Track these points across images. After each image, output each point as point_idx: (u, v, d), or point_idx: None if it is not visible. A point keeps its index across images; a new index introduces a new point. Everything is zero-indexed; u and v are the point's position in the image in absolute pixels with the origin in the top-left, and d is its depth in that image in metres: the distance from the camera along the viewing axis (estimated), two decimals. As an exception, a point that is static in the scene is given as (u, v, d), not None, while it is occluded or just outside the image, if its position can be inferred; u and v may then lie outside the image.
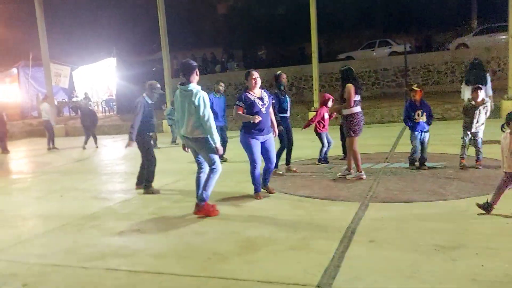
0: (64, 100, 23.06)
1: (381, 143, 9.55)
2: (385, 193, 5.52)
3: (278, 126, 6.72)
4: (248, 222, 4.74)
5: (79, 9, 25.25)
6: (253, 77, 5.54)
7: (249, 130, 5.48)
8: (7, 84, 24.28)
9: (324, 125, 7.77)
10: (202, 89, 4.97)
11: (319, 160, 7.80)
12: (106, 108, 22.21)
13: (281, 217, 4.83)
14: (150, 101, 6.47)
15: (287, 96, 7.10)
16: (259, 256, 3.79)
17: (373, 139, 9.94)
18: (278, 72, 7.23)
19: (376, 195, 5.47)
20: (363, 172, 6.40)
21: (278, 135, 6.72)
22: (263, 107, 5.53)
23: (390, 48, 21.40)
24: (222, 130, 8.10)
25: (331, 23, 21.07)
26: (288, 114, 7.09)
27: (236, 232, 4.43)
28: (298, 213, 4.98)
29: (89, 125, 13.26)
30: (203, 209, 5.01)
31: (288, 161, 7.27)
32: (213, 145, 4.91)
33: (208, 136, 4.88)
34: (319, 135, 7.80)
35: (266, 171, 5.83)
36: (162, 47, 16.96)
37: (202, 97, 4.83)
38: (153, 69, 21.51)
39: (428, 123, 6.69)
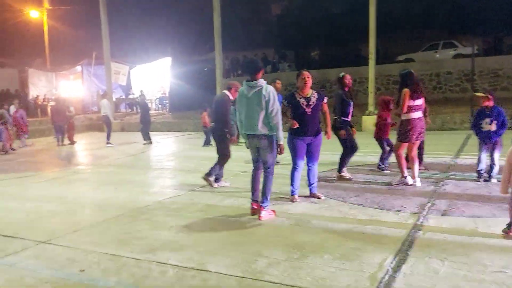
0: (121, 97, 24.03)
1: (443, 151, 9.06)
2: (447, 206, 5.19)
3: (340, 129, 6.58)
4: (296, 227, 4.66)
5: (139, 11, 26.23)
6: (304, 77, 5.49)
7: (294, 131, 5.44)
8: (71, 80, 25.72)
9: (385, 130, 7.36)
10: None
11: (379, 166, 7.44)
12: (159, 106, 22.90)
13: (331, 225, 4.69)
14: (231, 98, 6.57)
15: (351, 100, 6.78)
16: (308, 262, 3.69)
17: (434, 147, 9.39)
18: (342, 74, 6.82)
19: (437, 207, 5.16)
20: (407, 177, 6.16)
21: (341, 140, 6.57)
22: (307, 107, 5.45)
23: (455, 50, 20.11)
24: None
25: (390, 23, 20.13)
26: (348, 118, 6.76)
27: (283, 236, 4.36)
28: (350, 221, 4.80)
29: (146, 121, 13.73)
30: (266, 214, 4.94)
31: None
32: (278, 142, 4.89)
33: (274, 132, 4.85)
34: (379, 141, 7.43)
35: (309, 173, 5.70)
36: (215, 48, 17.26)
37: (272, 92, 4.83)
38: (205, 69, 21.91)
39: (498, 133, 6.19)
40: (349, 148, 6.77)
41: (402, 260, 3.62)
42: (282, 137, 4.93)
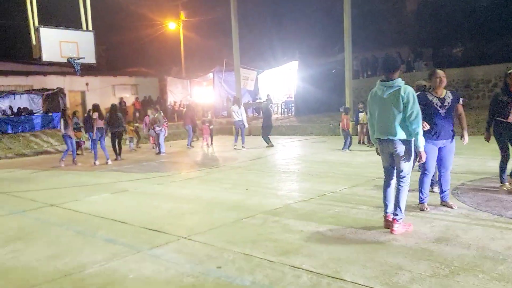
0: (249, 102, 25.02)
1: None
2: None
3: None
4: (441, 241, 4.19)
5: (268, 17, 27.14)
6: (438, 76, 5.10)
7: (425, 134, 4.94)
8: (204, 87, 27.67)
9: None
10: None
11: None
12: (285, 110, 23.23)
13: (485, 241, 4.12)
14: None
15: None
16: (459, 281, 3.29)
17: None
18: (510, 70, 5.94)
19: None
20: None
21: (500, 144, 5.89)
22: (442, 108, 5.04)
23: None
24: None
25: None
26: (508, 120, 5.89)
27: (426, 250, 3.97)
28: (510, 238, 4.15)
29: (267, 126, 13.99)
30: (400, 227, 4.52)
31: None
32: (417, 149, 4.47)
33: (413, 137, 4.44)
34: None
35: (441, 180, 5.27)
36: (345, 49, 16.89)
37: (412, 93, 4.42)
38: (333, 71, 21.57)
39: None
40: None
41: None
42: (422, 143, 4.46)
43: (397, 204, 4.54)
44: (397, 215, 4.52)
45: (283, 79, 24.28)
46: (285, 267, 3.77)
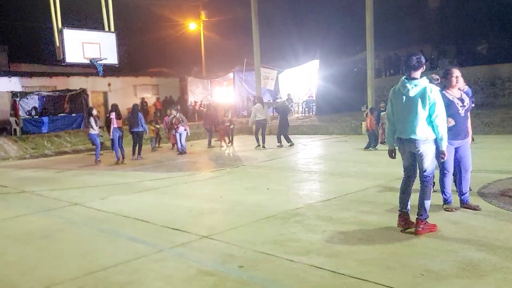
0: (269, 101, 24.99)
1: None
2: None
3: None
4: (467, 241, 4.09)
5: (289, 17, 27.05)
6: (455, 75, 5.03)
7: None
8: (224, 86, 27.77)
9: None
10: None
11: None
12: (306, 109, 23.08)
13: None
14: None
15: None
16: (485, 283, 3.21)
17: None
18: None
19: None
20: None
21: None
22: (462, 109, 5.00)
23: None
24: None
25: None
26: None
27: (452, 251, 3.87)
28: (539, 240, 4.04)
29: (284, 125, 13.93)
30: (424, 227, 4.40)
31: None
32: (440, 148, 4.37)
33: (438, 137, 4.34)
34: None
35: (461, 182, 5.14)
36: (367, 47, 16.71)
37: (438, 93, 4.35)
38: (355, 70, 21.37)
39: None
40: None
41: None
42: (445, 143, 4.36)
43: (421, 204, 4.44)
44: (421, 215, 4.42)
45: (304, 78, 24.14)
46: (307, 267, 3.73)
